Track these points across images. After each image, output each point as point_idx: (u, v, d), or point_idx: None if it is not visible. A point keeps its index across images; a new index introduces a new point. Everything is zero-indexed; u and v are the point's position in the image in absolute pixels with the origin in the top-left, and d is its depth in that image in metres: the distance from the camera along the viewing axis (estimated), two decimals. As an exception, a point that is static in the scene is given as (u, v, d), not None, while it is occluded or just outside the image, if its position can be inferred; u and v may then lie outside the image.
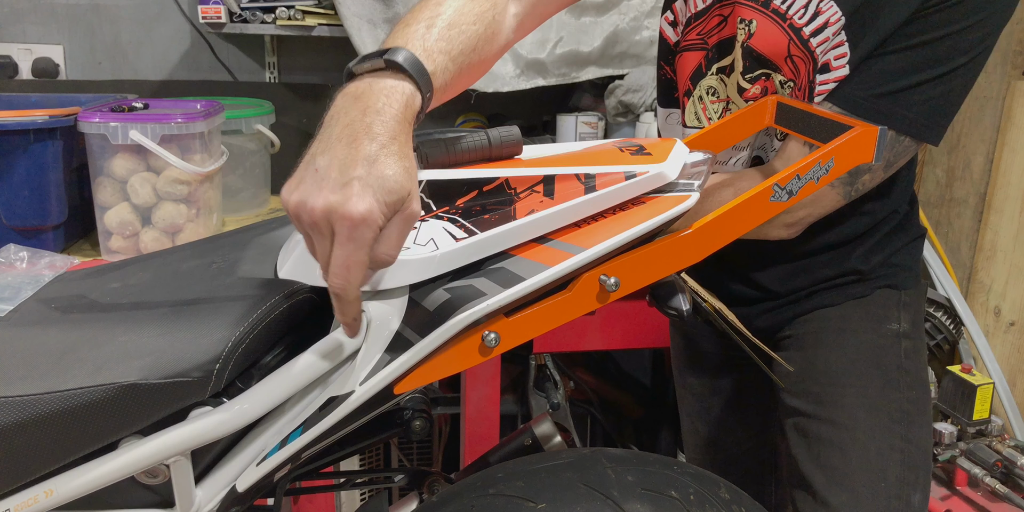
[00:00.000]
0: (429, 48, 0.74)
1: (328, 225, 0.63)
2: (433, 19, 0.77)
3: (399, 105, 0.67)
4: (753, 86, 1.01)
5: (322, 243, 0.64)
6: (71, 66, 2.10)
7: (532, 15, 0.93)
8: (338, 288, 0.64)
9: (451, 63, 0.75)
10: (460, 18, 0.79)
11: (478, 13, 0.81)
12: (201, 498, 0.74)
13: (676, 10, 1.09)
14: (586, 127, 1.98)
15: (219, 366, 0.70)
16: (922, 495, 1.04)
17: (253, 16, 1.90)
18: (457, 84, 0.79)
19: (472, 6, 0.81)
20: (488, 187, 0.73)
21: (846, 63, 0.95)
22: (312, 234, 0.64)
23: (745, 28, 0.99)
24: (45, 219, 1.56)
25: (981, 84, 1.94)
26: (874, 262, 1.08)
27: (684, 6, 1.08)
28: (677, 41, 1.09)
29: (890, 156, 0.97)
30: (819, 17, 0.95)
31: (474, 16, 0.80)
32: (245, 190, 1.86)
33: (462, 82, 0.80)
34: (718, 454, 1.30)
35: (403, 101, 0.68)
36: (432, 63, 0.72)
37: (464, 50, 0.78)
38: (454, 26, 0.77)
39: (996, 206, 1.96)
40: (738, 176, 1.01)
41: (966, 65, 0.93)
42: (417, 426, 1.00)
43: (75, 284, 0.92)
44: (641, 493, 0.76)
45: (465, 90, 0.89)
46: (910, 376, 1.06)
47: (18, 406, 0.69)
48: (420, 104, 0.70)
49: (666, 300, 0.81)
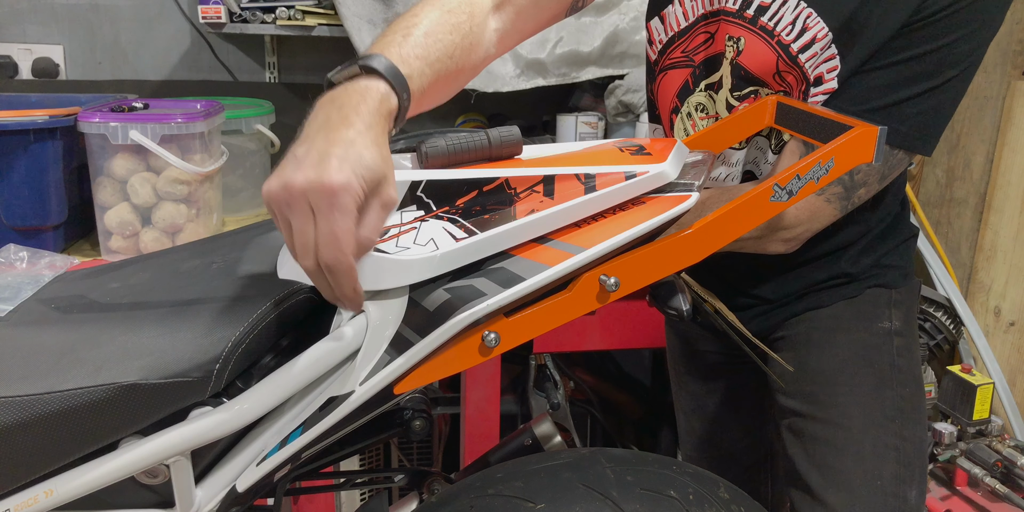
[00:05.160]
0: (405, 54, 0.76)
1: (306, 200, 0.63)
2: (409, 29, 0.79)
3: (374, 102, 0.69)
4: (742, 104, 1.01)
5: (303, 220, 0.63)
6: (71, 66, 2.10)
7: (513, 31, 0.94)
8: (330, 259, 0.63)
9: (428, 68, 0.77)
10: (436, 28, 0.81)
11: (454, 24, 0.83)
12: (201, 498, 0.74)
13: (651, 29, 1.09)
14: (586, 127, 1.98)
15: (219, 366, 0.70)
16: (918, 491, 1.04)
17: (253, 16, 1.90)
18: (436, 90, 0.80)
19: (448, 17, 0.83)
20: (488, 187, 0.73)
21: (836, 76, 0.96)
22: (292, 214, 0.64)
23: (733, 45, 0.99)
24: (45, 219, 1.56)
25: (981, 84, 1.94)
26: (864, 264, 1.08)
27: (661, 25, 1.08)
28: (657, 60, 1.10)
29: (884, 169, 0.98)
30: (807, 33, 0.95)
31: (450, 26, 0.82)
32: (245, 190, 1.86)
33: (441, 89, 0.82)
34: (714, 452, 1.31)
35: (378, 98, 0.70)
36: (408, 67, 0.74)
37: (440, 57, 0.80)
38: (430, 35, 0.80)
39: (996, 206, 1.96)
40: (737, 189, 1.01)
41: (957, 77, 0.94)
42: (417, 426, 1.00)
43: (75, 284, 0.92)
44: (640, 493, 0.76)
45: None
46: (903, 373, 1.06)
47: (18, 406, 0.69)
48: (396, 103, 0.72)
49: (666, 300, 0.81)
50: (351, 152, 0.63)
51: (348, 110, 0.67)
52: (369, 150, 0.64)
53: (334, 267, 0.64)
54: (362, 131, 0.66)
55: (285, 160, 0.66)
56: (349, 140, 0.64)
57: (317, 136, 0.65)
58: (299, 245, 0.65)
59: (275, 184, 0.64)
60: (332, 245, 0.63)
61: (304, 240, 0.64)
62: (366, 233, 0.65)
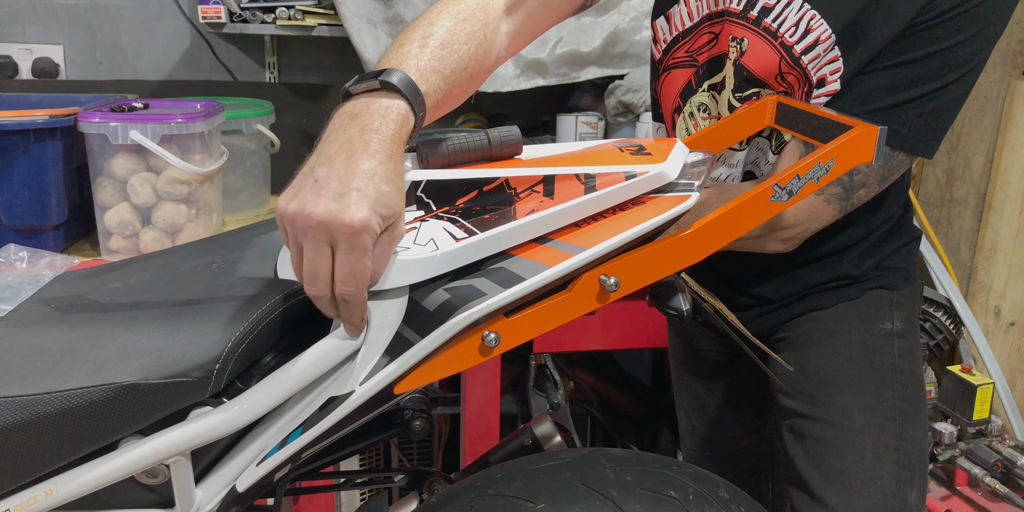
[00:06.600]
0: (423, 68, 0.75)
1: (325, 233, 0.64)
2: (426, 39, 0.79)
3: (395, 125, 0.69)
4: (744, 105, 1.01)
5: (317, 251, 0.65)
6: (71, 66, 2.10)
7: (523, 32, 0.94)
8: (348, 295, 0.66)
9: (443, 82, 0.77)
10: (452, 38, 0.80)
11: (470, 32, 0.82)
12: (201, 498, 0.74)
13: (656, 27, 1.09)
14: (586, 127, 1.98)
15: (219, 366, 0.70)
16: (918, 493, 1.04)
17: (253, 16, 1.90)
18: (447, 102, 0.80)
19: (464, 26, 0.82)
20: (488, 187, 0.73)
21: (839, 78, 0.96)
22: (305, 242, 0.65)
23: (737, 46, 0.99)
24: (45, 219, 1.56)
25: (981, 84, 1.94)
26: (866, 266, 1.08)
27: (666, 24, 1.08)
28: (661, 59, 1.10)
29: (884, 171, 0.98)
30: (810, 35, 0.95)
31: (466, 35, 0.82)
32: (245, 190, 1.86)
33: (452, 100, 0.82)
34: (715, 451, 1.31)
35: (398, 121, 0.70)
36: (425, 83, 0.74)
37: (456, 69, 0.79)
38: (447, 46, 0.79)
39: (996, 206, 1.96)
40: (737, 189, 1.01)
41: (959, 80, 0.93)
42: (417, 426, 1.00)
43: (75, 284, 0.92)
44: (640, 493, 0.76)
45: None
46: (904, 375, 1.06)
47: (18, 406, 0.69)
48: (413, 124, 0.72)
49: (666, 300, 0.81)
50: (371, 187, 0.64)
51: (370, 134, 0.68)
52: (388, 186, 0.65)
53: (350, 301, 0.67)
54: (383, 161, 0.66)
55: (303, 177, 0.66)
56: (371, 173, 0.65)
57: (338, 158, 0.66)
58: (308, 273, 0.66)
59: (293, 207, 0.65)
60: (351, 282, 0.65)
61: (315, 270, 0.66)
62: (375, 267, 0.67)
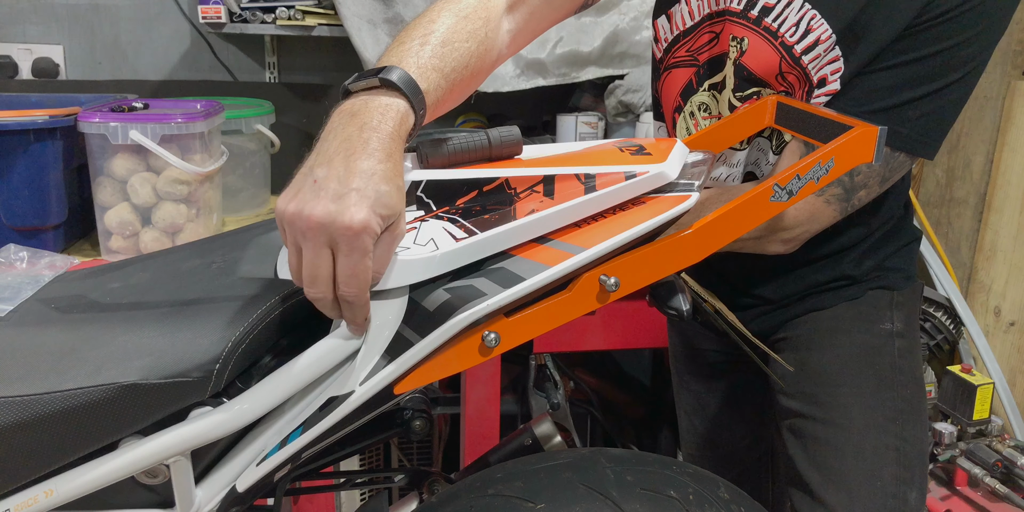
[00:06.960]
0: (423, 65, 0.75)
1: (324, 234, 0.64)
2: (427, 36, 0.78)
3: (394, 123, 0.69)
4: (744, 104, 1.01)
5: (316, 252, 0.65)
6: (71, 66, 2.10)
7: (525, 31, 0.93)
8: (351, 297, 0.66)
9: (443, 80, 0.77)
10: (453, 36, 0.80)
11: (471, 30, 0.82)
12: (201, 498, 0.74)
13: (657, 27, 1.09)
14: (586, 127, 1.98)
15: (219, 366, 0.70)
16: (918, 493, 1.04)
17: (253, 16, 1.90)
18: (448, 100, 0.80)
19: (465, 24, 0.82)
20: (488, 187, 0.73)
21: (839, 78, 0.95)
22: (304, 243, 0.65)
23: (737, 46, 0.99)
24: (45, 219, 1.56)
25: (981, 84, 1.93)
26: (866, 266, 1.08)
27: (667, 23, 1.08)
28: (662, 58, 1.10)
29: (885, 171, 0.97)
30: (810, 35, 0.95)
31: (467, 33, 0.81)
32: (245, 190, 1.86)
33: (453, 98, 0.81)
34: (715, 451, 1.31)
35: (398, 119, 0.69)
36: (425, 81, 0.74)
37: (456, 67, 0.79)
38: (447, 43, 0.79)
39: (996, 206, 1.96)
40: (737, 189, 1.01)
41: (960, 80, 0.93)
42: (417, 426, 1.00)
43: (75, 284, 0.92)
44: (640, 493, 0.76)
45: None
46: (904, 375, 1.06)
47: (18, 406, 0.69)
48: (413, 122, 0.71)
49: (666, 300, 0.81)
50: (370, 187, 0.64)
51: (369, 132, 0.67)
52: (388, 185, 0.65)
53: (353, 302, 0.66)
54: (382, 160, 0.66)
55: (302, 177, 0.66)
56: (370, 172, 0.65)
57: (336, 158, 0.65)
58: (308, 275, 0.66)
59: (292, 208, 0.65)
60: (353, 284, 0.65)
61: (315, 272, 0.66)
62: (376, 267, 0.67)
